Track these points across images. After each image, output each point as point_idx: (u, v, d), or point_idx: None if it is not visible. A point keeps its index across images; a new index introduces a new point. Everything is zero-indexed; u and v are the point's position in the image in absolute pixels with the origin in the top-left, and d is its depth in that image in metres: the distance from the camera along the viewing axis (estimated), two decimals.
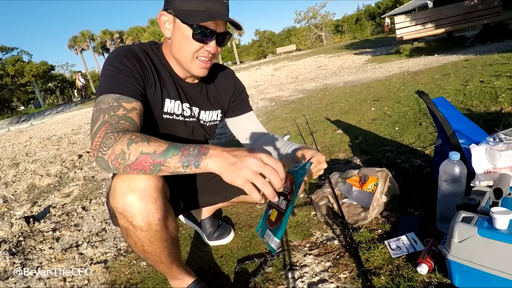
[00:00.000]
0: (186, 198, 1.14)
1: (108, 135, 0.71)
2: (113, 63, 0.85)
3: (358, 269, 1.02)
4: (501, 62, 3.76)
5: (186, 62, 0.91)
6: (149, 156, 0.67)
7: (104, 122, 0.74)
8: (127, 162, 0.68)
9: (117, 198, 0.77)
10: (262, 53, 33.53)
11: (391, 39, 12.34)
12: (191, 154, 0.67)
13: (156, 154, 0.67)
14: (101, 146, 0.70)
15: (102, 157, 0.70)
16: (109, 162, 0.69)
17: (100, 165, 0.72)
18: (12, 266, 1.53)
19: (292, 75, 8.50)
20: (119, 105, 0.78)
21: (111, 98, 0.79)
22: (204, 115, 1.08)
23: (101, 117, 0.75)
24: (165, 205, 0.82)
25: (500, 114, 2.09)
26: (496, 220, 0.77)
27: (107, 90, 0.80)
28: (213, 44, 0.88)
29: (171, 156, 0.67)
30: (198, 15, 0.82)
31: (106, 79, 0.83)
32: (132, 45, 0.93)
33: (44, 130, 7.94)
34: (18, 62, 24.07)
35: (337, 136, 2.51)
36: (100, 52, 34.91)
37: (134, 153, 0.67)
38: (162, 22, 0.89)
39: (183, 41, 0.87)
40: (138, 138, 0.69)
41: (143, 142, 0.68)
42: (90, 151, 0.74)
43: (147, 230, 0.80)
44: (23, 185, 3.02)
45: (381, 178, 1.34)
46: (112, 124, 0.73)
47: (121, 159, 0.68)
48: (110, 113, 0.76)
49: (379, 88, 4.07)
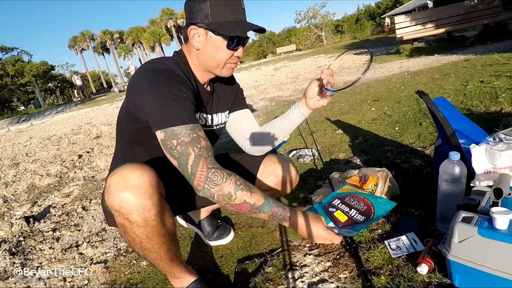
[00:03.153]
0: (181, 199, 1.14)
1: (213, 172, 0.83)
2: (170, 89, 0.84)
3: (358, 269, 1.02)
4: (501, 62, 3.76)
5: (218, 68, 0.97)
6: (249, 206, 0.87)
7: (198, 156, 0.82)
8: (231, 203, 0.85)
9: (112, 195, 0.78)
10: (262, 53, 33.48)
11: (391, 39, 12.33)
12: (278, 217, 0.91)
13: (255, 206, 0.87)
14: (207, 180, 0.83)
15: (209, 190, 0.83)
16: (215, 195, 0.84)
17: (205, 194, 0.85)
18: (12, 266, 1.53)
19: (292, 75, 8.50)
20: (198, 136, 0.85)
21: (187, 129, 0.83)
22: (216, 118, 1.12)
23: (191, 150, 0.82)
24: (160, 200, 0.84)
25: (500, 114, 2.09)
26: (496, 220, 0.77)
27: (178, 121, 0.83)
28: (241, 49, 0.96)
29: (264, 211, 0.89)
30: (234, 27, 0.89)
31: (170, 107, 0.83)
32: (169, 65, 0.92)
33: (44, 130, 7.94)
34: (18, 62, 24.08)
35: (337, 136, 2.51)
36: (100, 52, 34.93)
37: (239, 199, 0.85)
38: (191, 35, 0.92)
39: (217, 51, 0.92)
40: (243, 186, 0.86)
41: (247, 192, 0.86)
42: (194, 181, 0.82)
43: (144, 226, 0.81)
44: (23, 185, 3.02)
45: (381, 178, 1.34)
46: (207, 158, 0.84)
47: (227, 198, 0.84)
48: (197, 145, 0.83)
49: (379, 88, 4.07)
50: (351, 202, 1.10)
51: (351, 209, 1.06)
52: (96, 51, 34.42)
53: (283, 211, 0.91)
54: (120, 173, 0.79)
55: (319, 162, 2.04)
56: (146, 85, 0.86)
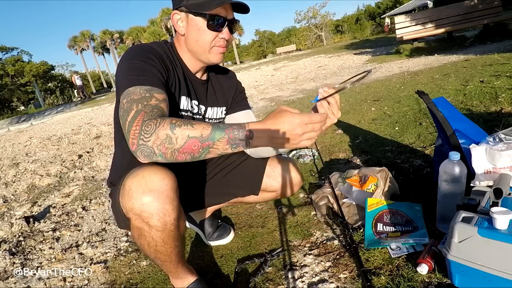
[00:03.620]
0: (186, 200, 1.14)
1: (147, 123, 0.70)
2: (138, 57, 0.85)
3: (358, 269, 1.02)
4: (501, 62, 3.76)
5: (204, 52, 0.93)
6: (197, 140, 0.69)
7: (139, 111, 0.73)
8: (175, 146, 0.69)
9: (133, 199, 0.76)
10: (262, 53, 33.49)
11: (391, 39, 12.33)
12: (237, 137, 0.70)
13: (203, 137, 0.69)
14: (141, 134, 0.69)
15: (144, 144, 0.69)
16: (155, 148, 0.69)
17: (143, 152, 0.70)
18: (12, 266, 1.53)
19: (292, 75, 8.49)
20: (151, 95, 0.77)
21: (142, 89, 0.78)
22: (210, 111, 1.10)
23: (135, 106, 0.74)
24: (179, 205, 0.83)
25: (500, 114, 2.09)
26: (496, 220, 0.77)
27: (137, 82, 0.79)
28: (226, 30, 0.92)
29: (218, 139, 0.70)
30: (210, 3, 0.86)
31: (133, 71, 0.82)
32: (149, 44, 0.94)
33: (44, 130, 7.94)
34: (18, 62, 24.06)
35: (337, 136, 2.51)
36: (100, 52, 34.90)
37: (181, 137, 0.68)
38: (175, 21, 0.92)
39: (199, 33, 0.90)
40: (180, 122, 0.69)
41: (186, 126, 0.69)
42: (129, 140, 0.75)
43: (163, 230, 0.80)
44: (23, 185, 3.02)
45: (381, 178, 1.34)
46: (147, 113, 0.72)
47: (168, 143, 0.68)
48: (143, 102, 0.75)
49: (379, 88, 4.07)
50: (389, 219, 1.19)
51: (395, 226, 1.15)
52: (96, 51, 34.39)
53: (239, 127, 0.71)
54: (141, 175, 0.76)
55: (319, 162, 2.04)
56: (121, 62, 0.87)
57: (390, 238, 1.10)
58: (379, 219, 1.19)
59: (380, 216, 1.20)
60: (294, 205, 1.57)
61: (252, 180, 1.17)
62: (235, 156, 1.21)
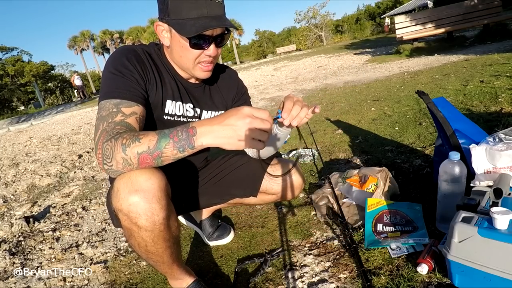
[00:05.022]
0: (185, 200, 1.14)
1: (105, 146, 0.72)
2: (114, 65, 0.85)
3: (358, 269, 1.02)
4: (501, 62, 3.76)
5: (188, 69, 0.92)
6: (146, 154, 0.70)
7: (102, 131, 0.75)
8: (134, 166, 0.72)
9: (121, 199, 0.76)
10: (262, 53, 33.48)
11: (391, 39, 12.34)
12: (182, 138, 0.69)
13: (150, 149, 0.70)
14: (104, 159, 0.72)
15: (111, 169, 0.73)
16: (120, 169, 0.73)
17: (113, 174, 0.75)
18: (12, 266, 1.53)
19: (292, 75, 8.49)
20: (118, 110, 0.79)
21: (111, 104, 0.80)
22: (207, 115, 1.08)
23: (101, 125, 0.77)
24: (168, 204, 0.82)
25: (500, 114, 2.09)
26: (496, 220, 0.77)
27: (108, 95, 0.81)
28: (212, 47, 0.87)
29: (164, 146, 0.70)
30: (191, 26, 0.81)
31: (107, 82, 0.83)
32: (134, 45, 0.93)
33: (44, 130, 7.94)
34: (18, 62, 24.06)
35: (337, 136, 2.51)
36: (100, 52, 34.90)
37: (133, 156, 0.70)
38: (159, 32, 0.89)
39: (182, 50, 0.87)
40: (128, 141, 0.70)
41: (134, 143, 0.70)
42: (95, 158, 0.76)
43: (151, 230, 0.80)
44: (23, 185, 3.02)
45: (381, 178, 1.34)
46: (108, 132, 0.74)
47: (128, 165, 0.72)
48: (108, 120, 0.77)
49: (379, 88, 4.07)
50: (389, 219, 1.19)
51: (396, 227, 1.15)
52: (96, 51, 34.40)
53: (183, 127, 0.70)
54: (128, 176, 0.76)
55: (319, 162, 2.04)
56: (104, 67, 0.89)
57: (390, 238, 1.10)
58: (379, 219, 1.19)
59: (380, 216, 1.20)
60: (294, 205, 1.57)
61: (251, 182, 1.17)
62: (236, 158, 1.21)
